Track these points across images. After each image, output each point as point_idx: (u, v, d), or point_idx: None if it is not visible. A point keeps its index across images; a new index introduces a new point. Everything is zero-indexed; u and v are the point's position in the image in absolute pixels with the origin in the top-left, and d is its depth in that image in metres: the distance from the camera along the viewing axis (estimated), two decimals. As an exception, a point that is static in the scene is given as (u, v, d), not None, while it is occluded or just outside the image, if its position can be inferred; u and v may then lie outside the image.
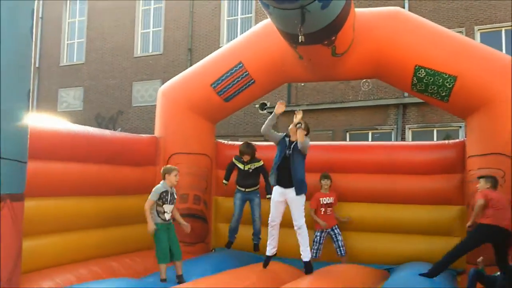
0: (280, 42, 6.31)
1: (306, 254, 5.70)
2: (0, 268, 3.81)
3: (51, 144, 5.45)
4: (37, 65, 21.90)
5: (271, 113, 17.45)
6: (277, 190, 5.79)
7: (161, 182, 5.81)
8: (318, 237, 6.92)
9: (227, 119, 17.84)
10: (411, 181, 7.03)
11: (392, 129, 15.04)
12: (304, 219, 5.67)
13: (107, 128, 20.05)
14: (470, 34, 14.56)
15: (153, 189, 5.74)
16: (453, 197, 6.77)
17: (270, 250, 5.88)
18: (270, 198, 6.32)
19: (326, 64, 6.66)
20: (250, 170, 7.11)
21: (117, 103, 20.36)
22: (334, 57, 6.21)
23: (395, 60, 6.50)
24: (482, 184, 5.51)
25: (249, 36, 7.33)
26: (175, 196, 5.89)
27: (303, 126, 5.55)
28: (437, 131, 14.60)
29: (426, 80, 6.32)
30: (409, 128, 14.89)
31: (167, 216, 5.75)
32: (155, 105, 7.95)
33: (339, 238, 6.87)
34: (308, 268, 5.72)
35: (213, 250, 7.79)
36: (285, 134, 5.93)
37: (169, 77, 7.99)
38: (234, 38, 8.81)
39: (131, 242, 6.65)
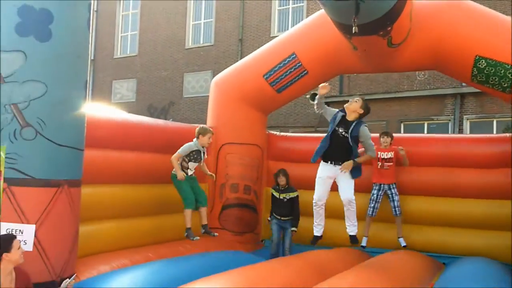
0: (334, 33, 6.20)
1: (353, 229, 5.87)
2: (58, 251, 3.95)
3: (107, 133, 5.61)
4: (92, 58, 22.57)
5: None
6: (326, 166, 5.81)
7: (194, 140, 5.96)
8: (375, 195, 6.88)
9: (278, 110, 17.63)
10: (469, 175, 6.93)
11: (449, 120, 14.57)
12: (353, 194, 5.72)
13: (159, 118, 20.49)
14: None
15: (184, 144, 5.89)
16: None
17: (319, 230, 6.03)
18: (295, 231, 6.79)
19: (382, 55, 6.51)
20: (285, 200, 6.95)
21: (169, 94, 20.71)
22: (390, 48, 6.05)
23: (454, 50, 6.29)
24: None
25: (302, 26, 7.32)
26: (205, 156, 6.08)
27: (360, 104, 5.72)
28: (496, 122, 14.00)
29: (487, 71, 6.09)
30: (467, 119, 14.39)
31: (190, 172, 5.94)
32: (206, 96, 8.04)
33: (396, 198, 6.80)
34: (353, 240, 5.96)
35: (262, 241, 7.77)
36: (339, 110, 5.90)
37: (220, 68, 8.04)
38: (285, 28, 8.82)
39: (183, 229, 6.68)
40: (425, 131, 14.66)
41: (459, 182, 6.92)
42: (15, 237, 3.46)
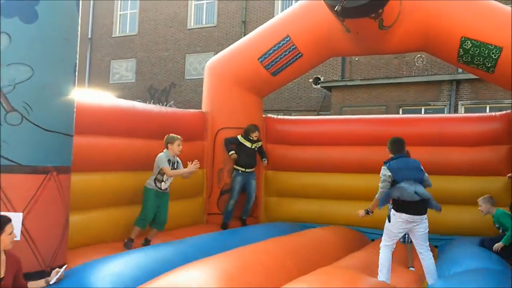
0: (328, 15, 6.26)
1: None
2: (47, 239, 3.87)
3: (98, 118, 5.47)
4: (89, 36, 22.29)
5: (324, 87, 16.97)
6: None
7: (164, 151, 5.71)
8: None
9: (281, 94, 17.79)
10: (459, 153, 7.15)
11: (445, 105, 14.88)
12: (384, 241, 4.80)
13: (159, 100, 20.34)
14: None
15: (156, 159, 5.61)
16: (500, 168, 6.84)
17: None
18: (265, 160, 7.26)
19: (374, 37, 6.65)
20: (255, 149, 7.24)
21: (170, 75, 20.53)
22: (381, 30, 6.22)
23: (441, 32, 6.52)
24: None
25: (296, 9, 7.30)
26: (180, 166, 5.77)
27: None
28: (490, 107, 14.35)
29: (472, 51, 6.35)
30: (462, 105, 14.76)
31: (164, 186, 5.64)
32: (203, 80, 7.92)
33: None
34: None
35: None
36: None
37: (222, 50, 7.88)
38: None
39: (176, 217, 6.65)
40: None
41: (449, 160, 7.09)
42: (10, 220, 3.35)
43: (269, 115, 8.30)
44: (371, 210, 4.84)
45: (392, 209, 4.65)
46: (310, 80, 17.40)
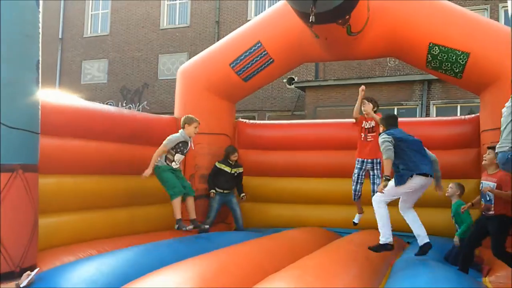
0: (298, 22, 6.25)
1: (380, 236, 4.96)
2: (15, 240, 3.78)
3: (69, 121, 5.40)
4: (60, 36, 21.86)
5: (298, 88, 17.04)
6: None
7: (180, 131, 5.79)
8: (356, 175, 6.02)
9: (255, 94, 17.74)
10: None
11: (417, 105, 15.19)
12: (377, 196, 4.92)
13: (132, 101, 20.11)
14: (494, 11, 14.93)
15: (168, 137, 5.69)
16: (469, 171, 6.89)
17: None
18: (244, 197, 7.25)
19: (342, 43, 6.67)
20: (235, 174, 7.26)
21: (143, 75, 20.32)
22: (349, 36, 6.24)
23: (409, 38, 6.59)
24: (491, 156, 5.02)
25: (267, 15, 7.31)
26: (192, 147, 5.89)
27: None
28: (460, 107, 14.82)
29: (440, 57, 6.44)
30: (434, 104, 15.10)
31: (175, 166, 5.74)
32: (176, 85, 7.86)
33: (377, 181, 5.77)
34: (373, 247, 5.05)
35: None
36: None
37: (196, 50, 7.90)
38: (262, 12, 8.70)
39: (148, 222, 6.60)
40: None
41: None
42: None
43: (241, 119, 8.25)
44: (388, 176, 4.79)
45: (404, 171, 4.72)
46: (284, 81, 17.47)
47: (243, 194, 7.32)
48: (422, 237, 4.92)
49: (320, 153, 7.58)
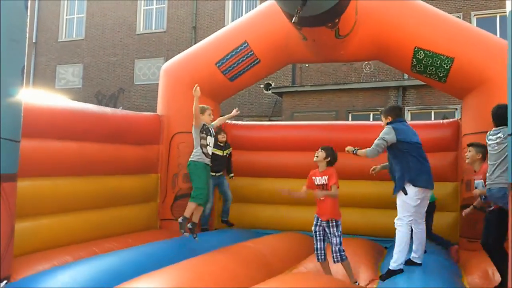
0: (285, 23, 6.28)
1: (392, 260, 4.77)
2: None
3: (48, 121, 5.23)
4: (34, 40, 21.41)
5: (275, 93, 17.04)
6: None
7: None
8: (314, 232, 4.94)
9: (232, 99, 17.71)
10: None
11: None
12: (401, 215, 4.78)
13: (107, 106, 19.79)
14: (467, 19, 15.32)
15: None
16: (448, 174, 7.01)
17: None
18: (233, 177, 7.47)
19: (330, 46, 6.72)
20: (227, 155, 7.42)
21: (119, 80, 20.07)
22: (337, 39, 6.29)
23: (395, 42, 6.67)
24: (473, 153, 5.10)
25: (254, 15, 7.32)
26: (212, 131, 5.91)
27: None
28: (434, 113, 15.12)
29: (425, 61, 6.53)
30: (408, 110, 15.38)
31: (209, 150, 5.74)
32: (158, 83, 7.77)
33: (336, 240, 4.76)
34: (383, 275, 4.80)
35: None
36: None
37: (173, 55, 7.85)
38: (239, 17, 8.73)
39: (129, 222, 6.51)
40: (371, 121, 15.25)
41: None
42: None
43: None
44: (357, 151, 4.93)
45: (407, 181, 4.70)
46: (262, 86, 17.54)
47: (232, 174, 7.52)
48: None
49: (302, 154, 7.52)
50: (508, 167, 3.15)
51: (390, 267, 4.72)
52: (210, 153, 5.81)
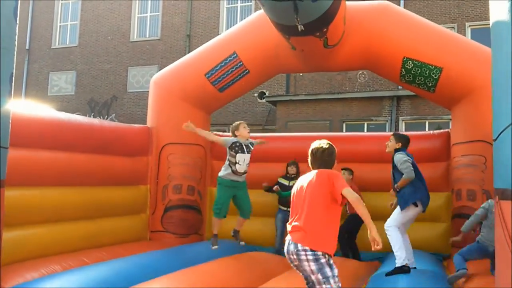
0: (274, 33, 6.30)
1: (396, 260, 5.17)
2: None
3: (37, 131, 5.24)
4: (27, 47, 21.32)
5: (269, 102, 16.92)
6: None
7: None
8: None
9: (226, 108, 17.75)
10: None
11: (387, 121, 15.41)
12: (393, 223, 5.33)
13: (100, 113, 19.76)
14: (461, 30, 15.34)
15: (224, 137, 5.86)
16: (439, 185, 7.00)
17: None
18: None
19: (318, 55, 6.73)
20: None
21: (112, 88, 20.01)
22: (326, 48, 6.31)
23: (384, 52, 6.69)
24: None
25: (243, 26, 7.32)
26: (251, 148, 5.81)
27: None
28: (429, 123, 15.11)
29: (413, 71, 6.55)
30: (403, 120, 15.36)
31: (239, 168, 5.65)
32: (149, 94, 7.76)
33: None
34: (392, 271, 5.09)
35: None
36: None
37: (167, 63, 7.87)
38: (233, 26, 8.73)
39: (118, 233, 6.48)
40: (365, 130, 15.31)
41: (389, 177, 7.08)
42: None
43: (214, 132, 8.20)
44: (398, 185, 5.38)
45: (418, 199, 5.27)
46: (255, 95, 17.54)
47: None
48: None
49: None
50: (494, 171, 3.15)
51: (397, 265, 5.06)
52: (243, 171, 5.75)
